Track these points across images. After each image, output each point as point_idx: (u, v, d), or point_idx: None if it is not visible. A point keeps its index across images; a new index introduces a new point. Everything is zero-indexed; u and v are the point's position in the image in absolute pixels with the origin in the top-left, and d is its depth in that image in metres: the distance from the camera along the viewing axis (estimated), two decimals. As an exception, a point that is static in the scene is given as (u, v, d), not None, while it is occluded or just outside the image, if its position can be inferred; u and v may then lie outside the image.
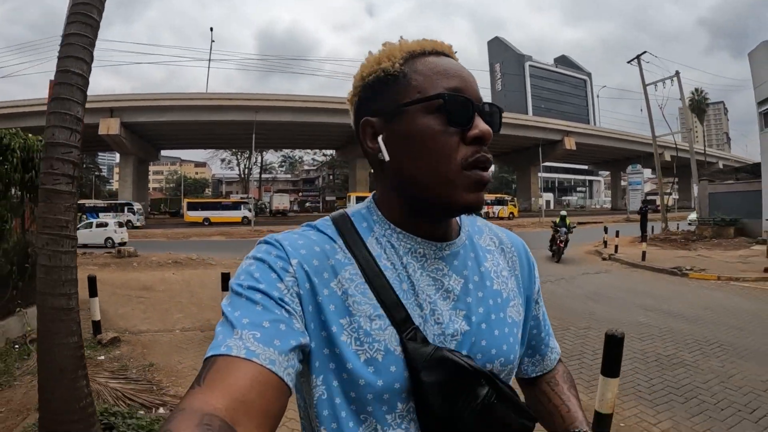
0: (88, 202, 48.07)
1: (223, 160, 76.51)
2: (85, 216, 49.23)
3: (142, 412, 3.93)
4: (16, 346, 5.55)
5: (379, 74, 0.81)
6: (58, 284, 2.99)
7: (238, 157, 74.53)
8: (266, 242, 0.81)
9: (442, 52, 0.83)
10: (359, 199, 46.14)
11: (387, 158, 0.81)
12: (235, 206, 49.88)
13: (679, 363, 5.58)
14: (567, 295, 9.79)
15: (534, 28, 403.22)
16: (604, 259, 16.62)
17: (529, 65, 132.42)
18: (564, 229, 16.29)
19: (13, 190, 5.92)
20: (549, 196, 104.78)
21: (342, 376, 0.75)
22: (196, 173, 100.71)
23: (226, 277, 6.33)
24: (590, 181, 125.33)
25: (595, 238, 22.67)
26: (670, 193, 51.73)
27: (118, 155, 54.57)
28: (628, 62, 30.50)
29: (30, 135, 6.27)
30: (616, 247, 17.53)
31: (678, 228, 27.38)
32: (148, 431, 3.48)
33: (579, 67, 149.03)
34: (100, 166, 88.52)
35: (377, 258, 0.82)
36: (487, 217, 41.12)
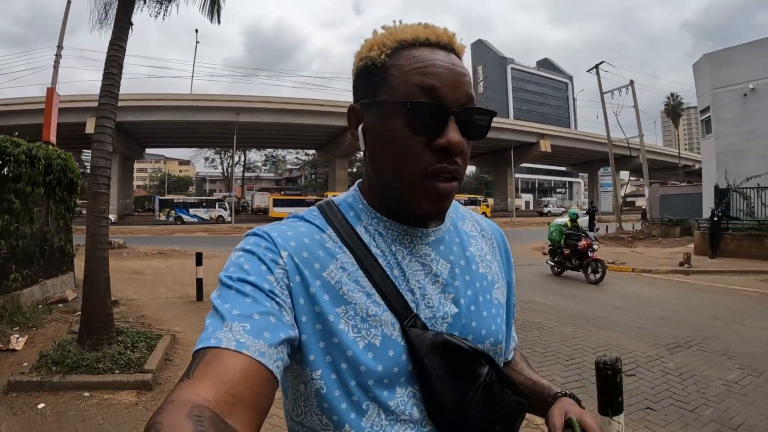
0: (177, 198, 49.68)
1: (206, 159, 77.38)
2: (173, 211, 51.04)
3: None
4: (40, 306, 7.36)
5: (367, 62, 0.80)
6: (97, 244, 4.99)
7: (222, 155, 75.30)
8: (255, 234, 0.81)
9: (438, 42, 0.80)
10: (277, 201, 47.85)
11: (362, 148, 0.83)
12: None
13: (539, 327, 7.09)
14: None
15: (520, 27, 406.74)
16: (544, 254, 18.63)
17: (511, 68, 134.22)
18: (592, 235, 12.22)
19: (37, 189, 7.72)
20: (528, 197, 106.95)
21: (341, 366, 0.75)
22: (180, 171, 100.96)
23: (199, 256, 8.26)
24: (570, 183, 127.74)
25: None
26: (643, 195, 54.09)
27: None
28: (588, 71, 32.78)
29: (50, 146, 8.16)
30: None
31: (633, 228, 29.62)
32: (144, 337, 5.46)
33: (560, 70, 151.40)
34: (84, 163, 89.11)
35: (368, 245, 0.83)
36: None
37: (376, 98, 0.79)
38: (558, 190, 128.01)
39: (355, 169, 74.34)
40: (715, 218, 16.51)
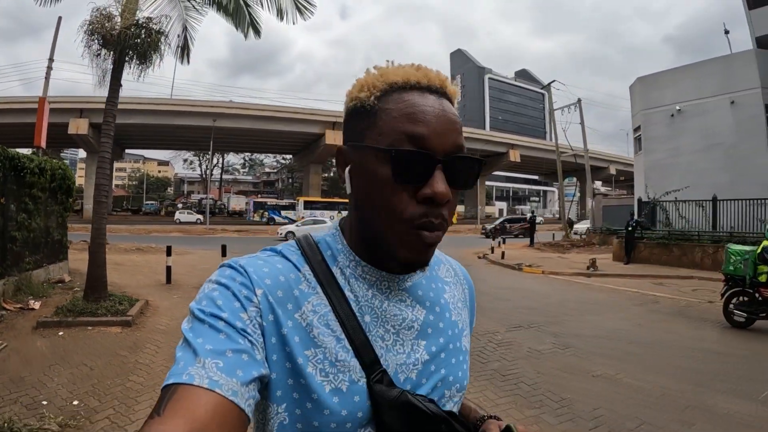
0: (270, 201, 51.54)
1: (185, 161, 79.14)
2: (266, 213, 52.97)
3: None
4: (44, 284, 9.55)
5: (356, 104, 0.80)
6: (100, 235, 7.40)
7: (200, 158, 76.96)
8: (230, 266, 0.79)
9: (429, 86, 0.78)
10: (307, 204, 50.04)
11: (349, 191, 0.82)
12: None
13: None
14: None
15: (504, 37, 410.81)
16: (479, 258, 21.07)
17: (489, 78, 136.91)
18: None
19: (44, 194, 9.91)
20: (503, 204, 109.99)
21: (306, 405, 0.75)
22: (159, 172, 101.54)
23: (169, 248, 10.59)
24: (545, 191, 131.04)
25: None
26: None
27: (80, 151, 56.53)
28: (542, 88, 35.49)
29: (54, 160, 10.37)
30: (503, 252, 20.20)
31: (580, 236, 32.10)
32: (127, 299, 7.89)
33: (538, 81, 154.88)
34: (64, 161, 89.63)
35: (343, 289, 0.82)
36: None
37: (364, 142, 0.78)
38: (532, 198, 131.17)
39: (329, 174, 76.31)
40: (629, 228, 18.92)
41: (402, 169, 0.74)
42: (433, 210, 0.75)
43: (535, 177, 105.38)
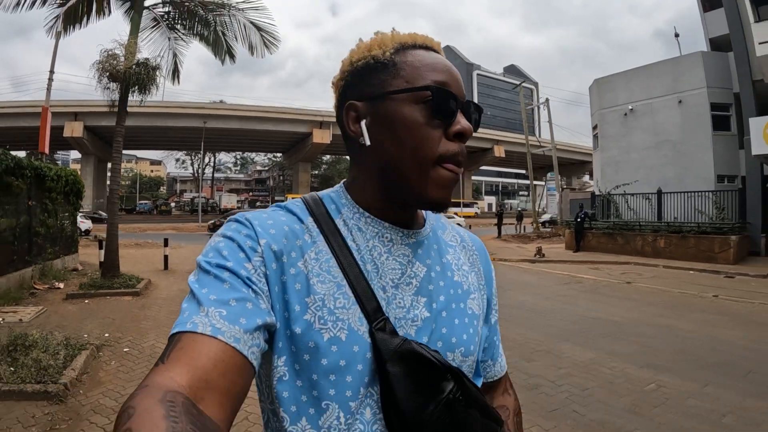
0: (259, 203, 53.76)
1: (177, 160, 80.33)
2: None
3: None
4: (62, 271, 11.46)
5: (369, 61, 0.83)
6: (113, 228, 9.48)
7: (192, 157, 78.05)
8: (236, 220, 0.81)
9: (431, 47, 0.85)
10: (295, 200, 51.96)
11: (368, 143, 0.83)
12: None
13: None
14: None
15: (494, 33, 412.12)
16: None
17: (477, 74, 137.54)
18: None
19: (60, 197, 11.82)
20: (491, 199, 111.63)
21: (303, 357, 0.74)
22: (152, 171, 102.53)
23: (166, 240, 12.58)
24: (534, 186, 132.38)
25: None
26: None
27: (72, 152, 57.65)
28: (513, 88, 37.51)
29: (67, 168, 12.29)
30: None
31: (551, 228, 33.84)
32: (134, 277, 9.89)
33: (526, 77, 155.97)
34: (57, 162, 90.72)
35: (345, 238, 0.83)
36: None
37: (395, 89, 0.81)
38: (521, 192, 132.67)
39: (319, 171, 77.72)
40: (578, 219, 20.92)
41: (438, 105, 0.79)
42: (461, 146, 0.81)
43: (523, 171, 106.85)
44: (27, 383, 4.37)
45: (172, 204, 70.58)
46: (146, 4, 10.88)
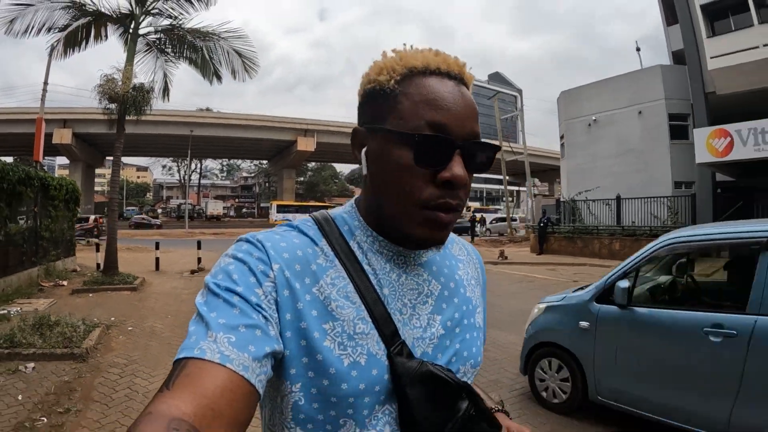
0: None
1: (164, 167, 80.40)
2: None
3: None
4: (63, 271, 12.67)
5: (375, 86, 0.81)
6: (113, 232, 10.88)
7: (179, 163, 78.23)
8: (247, 241, 0.79)
9: (448, 72, 0.80)
10: (280, 207, 52.63)
11: (365, 172, 0.83)
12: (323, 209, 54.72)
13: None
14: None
15: (482, 38, 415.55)
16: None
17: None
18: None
19: (62, 204, 13.04)
20: (476, 204, 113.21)
21: (323, 382, 0.74)
22: (138, 177, 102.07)
23: (157, 243, 13.84)
24: (518, 192, 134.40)
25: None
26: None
27: (57, 158, 58.01)
28: (489, 99, 38.97)
29: (66, 178, 13.54)
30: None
31: (525, 233, 35.16)
32: (131, 275, 11.13)
33: (511, 84, 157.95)
34: (44, 167, 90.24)
35: (361, 262, 0.82)
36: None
37: (384, 124, 0.78)
38: (505, 198, 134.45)
39: (304, 179, 78.55)
40: (542, 224, 22.40)
41: (424, 153, 0.75)
42: (450, 192, 0.76)
43: (508, 178, 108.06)
44: (56, 348, 5.72)
45: (159, 210, 71.20)
46: (141, 32, 12.21)
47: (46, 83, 24.94)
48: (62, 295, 9.81)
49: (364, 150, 0.83)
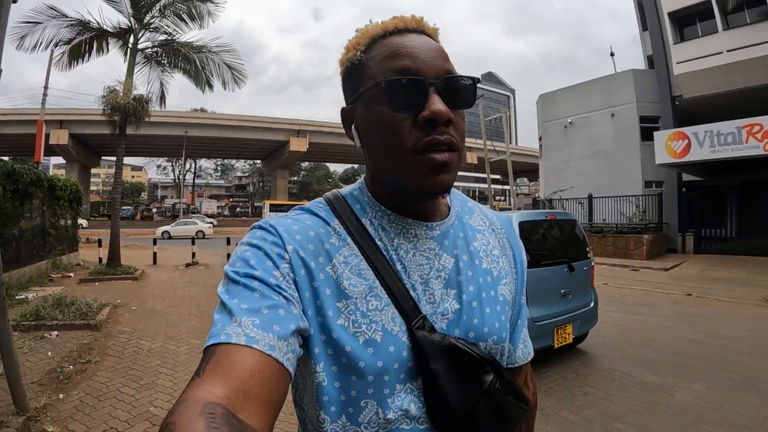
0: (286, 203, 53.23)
1: (158, 166, 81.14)
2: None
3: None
4: (68, 265, 13.85)
5: (347, 64, 0.83)
6: (116, 228, 12.22)
7: (173, 163, 78.86)
8: (261, 227, 0.81)
9: (406, 28, 0.81)
10: (273, 207, 53.61)
11: (358, 145, 0.84)
12: None
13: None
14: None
15: (476, 39, 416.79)
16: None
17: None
18: None
19: (66, 204, 14.23)
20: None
21: (341, 360, 0.75)
22: (133, 177, 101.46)
23: (155, 240, 15.13)
24: (509, 191, 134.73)
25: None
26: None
27: (52, 158, 58.61)
28: (477, 99, 40.09)
29: (70, 179, 14.77)
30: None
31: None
32: (132, 267, 12.46)
33: (503, 84, 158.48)
34: (39, 168, 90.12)
35: (374, 238, 0.83)
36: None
37: (358, 92, 0.81)
38: (497, 197, 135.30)
39: (298, 178, 79.24)
40: (515, 221, 23.45)
41: (397, 98, 0.75)
42: (436, 131, 0.75)
43: (498, 177, 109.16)
44: (75, 320, 7.01)
45: (154, 210, 71.85)
46: (139, 47, 13.48)
47: (46, 87, 26.01)
48: (71, 284, 11.03)
49: (353, 126, 0.85)
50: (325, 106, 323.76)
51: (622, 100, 23.52)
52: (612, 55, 30.68)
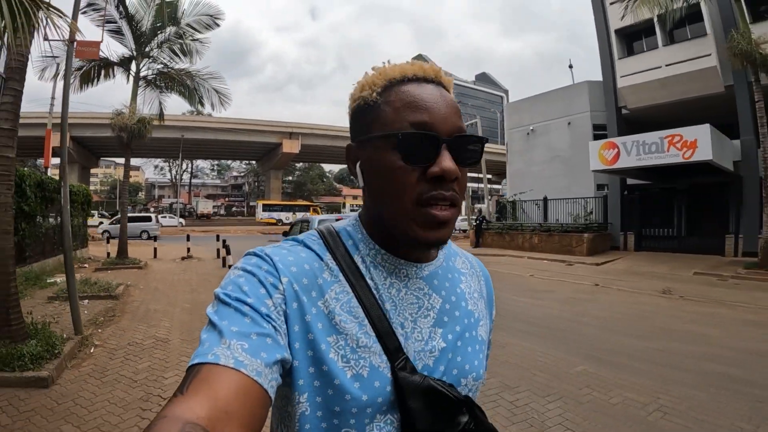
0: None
1: (156, 167, 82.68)
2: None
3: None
4: (81, 258, 16.44)
5: (360, 102, 0.85)
6: (124, 225, 14.66)
7: (170, 163, 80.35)
8: (256, 254, 0.82)
9: (425, 77, 0.83)
10: (266, 207, 55.88)
11: (361, 185, 0.86)
12: (306, 209, 56.60)
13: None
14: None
15: (472, 38, 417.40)
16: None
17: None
18: None
19: (78, 206, 16.81)
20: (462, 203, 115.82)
21: (327, 392, 0.77)
22: (130, 177, 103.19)
23: (155, 237, 17.92)
24: (488, 189, 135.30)
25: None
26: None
27: (53, 159, 60.31)
28: (468, 123, 42.18)
29: (82, 185, 17.53)
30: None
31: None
32: (137, 259, 15.13)
33: (497, 84, 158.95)
34: (39, 168, 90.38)
35: (365, 276, 0.84)
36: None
37: (371, 134, 0.82)
38: (491, 197, 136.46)
39: (292, 178, 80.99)
40: (477, 221, 26.25)
41: (410, 150, 0.77)
42: (443, 187, 0.78)
43: (490, 176, 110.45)
44: (100, 293, 9.74)
45: (151, 209, 73.38)
46: (141, 74, 16.21)
47: (53, 98, 28.48)
48: (87, 272, 13.67)
49: (358, 164, 0.86)
50: (321, 105, 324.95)
51: (577, 109, 25.33)
52: (570, 67, 33.20)
